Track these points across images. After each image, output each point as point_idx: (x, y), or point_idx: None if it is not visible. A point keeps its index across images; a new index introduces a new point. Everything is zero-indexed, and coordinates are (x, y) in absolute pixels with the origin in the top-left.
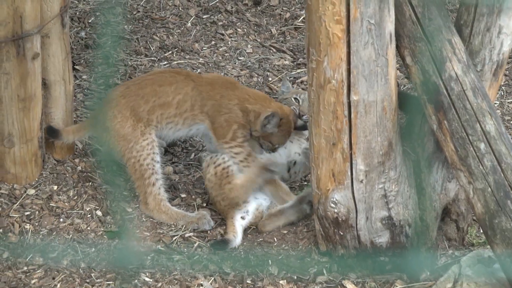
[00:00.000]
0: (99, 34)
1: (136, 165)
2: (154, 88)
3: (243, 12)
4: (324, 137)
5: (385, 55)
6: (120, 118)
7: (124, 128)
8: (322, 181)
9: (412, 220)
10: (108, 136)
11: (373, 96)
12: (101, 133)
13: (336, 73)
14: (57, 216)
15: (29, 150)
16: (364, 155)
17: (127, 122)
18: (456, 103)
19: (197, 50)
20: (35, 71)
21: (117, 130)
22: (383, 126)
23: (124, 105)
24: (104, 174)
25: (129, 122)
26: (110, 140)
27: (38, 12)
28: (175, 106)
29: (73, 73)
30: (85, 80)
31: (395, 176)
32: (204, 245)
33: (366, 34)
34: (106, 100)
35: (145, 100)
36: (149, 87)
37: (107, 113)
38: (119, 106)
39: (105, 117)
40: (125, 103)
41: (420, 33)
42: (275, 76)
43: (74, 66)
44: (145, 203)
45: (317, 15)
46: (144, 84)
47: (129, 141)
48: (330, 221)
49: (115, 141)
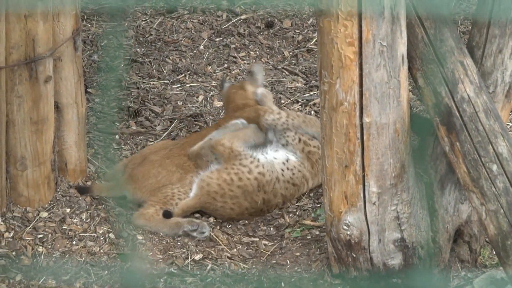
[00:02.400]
0: (111, 57)
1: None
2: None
3: (256, 34)
4: (336, 159)
5: (398, 77)
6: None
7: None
8: (335, 203)
9: (425, 242)
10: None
11: (386, 118)
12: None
13: (348, 96)
14: (70, 239)
15: (41, 173)
16: (377, 177)
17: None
18: (469, 124)
19: (210, 72)
20: (47, 94)
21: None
22: (396, 148)
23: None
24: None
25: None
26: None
27: (50, 35)
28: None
29: (86, 96)
30: (97, 103)
31: (408, 198)
32: (218, 267)
33: (378, 56)
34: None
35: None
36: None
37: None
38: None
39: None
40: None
41: (432, 55)
42: (288, 99)
43: (86, 89)
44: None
45: (329, 37)
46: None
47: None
48: (343, 243)
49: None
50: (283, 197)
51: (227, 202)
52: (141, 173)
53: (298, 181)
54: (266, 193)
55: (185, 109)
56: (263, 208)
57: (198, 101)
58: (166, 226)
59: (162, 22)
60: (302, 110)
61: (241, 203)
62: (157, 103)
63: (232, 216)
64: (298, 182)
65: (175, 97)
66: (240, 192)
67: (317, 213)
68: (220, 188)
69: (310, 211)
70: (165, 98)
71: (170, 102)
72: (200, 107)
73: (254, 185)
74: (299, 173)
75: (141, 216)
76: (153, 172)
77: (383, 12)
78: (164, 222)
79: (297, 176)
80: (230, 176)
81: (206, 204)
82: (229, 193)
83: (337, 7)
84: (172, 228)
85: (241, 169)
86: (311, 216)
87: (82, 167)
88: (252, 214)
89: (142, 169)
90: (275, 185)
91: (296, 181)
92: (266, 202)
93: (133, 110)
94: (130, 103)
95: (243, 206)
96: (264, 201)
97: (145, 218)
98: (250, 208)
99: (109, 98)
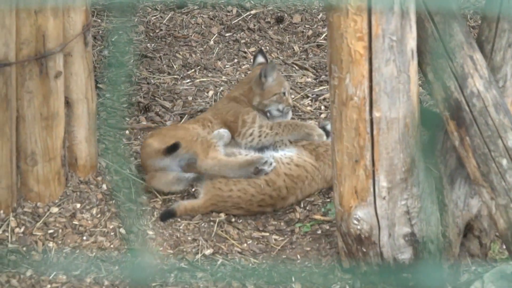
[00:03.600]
0: (122, 52)
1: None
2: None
3: (266, 30)
4: (346, 154)
5: (407, 72)
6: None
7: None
8: (345, 198)
9: (435, 237)
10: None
11: (395, 113)
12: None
13: (358, 90)
14: (80, 234)
15: (52, 169)
16: (387, 172)
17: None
18: (478, 119)
19: (220, 68)
20: (57, 90)
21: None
22: (406, 142)
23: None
24: (126, 192)
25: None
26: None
27: (60, 30)
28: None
29: (96, 92)
30: (108, 98)
31: (418, 193)
32: (228, 262)
33: (388, 51)
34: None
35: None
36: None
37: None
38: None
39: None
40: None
41: (442, 50)
42: (298, 94)
43: (97, 84)
44: (205, 155)
45: (339, 33)
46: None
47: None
48: (353, 238)
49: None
50: (288, 177)
51: (232, 189)
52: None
53: (301, 162)
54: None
55: (195, 104)
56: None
57: (208, 96)
58: (235, 165)
59: (172, 17)
60: (312, 104)
61: (246, 189)
62: (167, 98)
63: (241, 206)
64: (301, 163)
65: (185, 92)
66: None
67: (327, 208)
68: (222, 177)
69: (320, 206)
70: (175, 93)
71: (180, 97)
72: (210, 102)
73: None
74: (299, 158)
75: (206, 159)
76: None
77: (392, 7)
78: (232, 161)
79: (298, 159)
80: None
81: (214, 198)
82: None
83: (346, 2)
84: (244, 167)
85: (238, 155)
86: (321, 211)
87: (92, 162)
88: (262, 205)
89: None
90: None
91: (299, 162)
92: (271, 184)
93: (143, 105)
94: (140, 98)
95: (249, 192)
96: (268, 183)
97: (211, 159)
98: (256, 195)
99: (119, 94)
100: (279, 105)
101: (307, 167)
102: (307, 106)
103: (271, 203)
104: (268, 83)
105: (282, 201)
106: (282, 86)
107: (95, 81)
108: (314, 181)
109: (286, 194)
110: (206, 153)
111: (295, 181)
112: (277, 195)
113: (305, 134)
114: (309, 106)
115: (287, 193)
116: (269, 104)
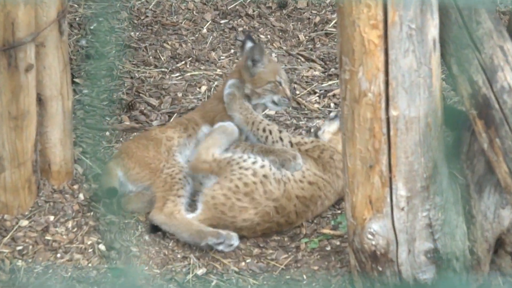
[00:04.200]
0: (102, 42)
1: (167, 179)
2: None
3: (267, 16)
4: (359, 159)
5: (428, 64)
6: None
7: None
8: (358, 209)
9: (461, 253)
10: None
11: (415, 111)
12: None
13: (372, 85)
14: (53, 251)
15: (21, 175)
16: (406, 178)
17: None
18: (510, 118)
19: (214, 59)
20: (28, 85)
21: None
22: (427, 145)
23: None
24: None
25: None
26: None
27: (32, 17)
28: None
29: (72, 87)
30: (86, 95)
31: (441, 203)
32: (223, 284)
33: (406, 41)
34: None
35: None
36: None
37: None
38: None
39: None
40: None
41: (467, 39)
42: (303, 89)
43: (73, 79)
44: (161, 207)
45: (351, 19)
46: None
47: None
48: (367, 255)
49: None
50: (300, 201)
51: (235, 216)
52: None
53: (313, 178)
54: (275, 200)
55: (186, 102)
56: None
57: (201, 92)
58: (186, 231)
59: (159, 2)
60: (319, 101)
61: (252, 219)
62: (154, 95)
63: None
64: (313, 179)
65: (174, 87)
66: (248, 201)
67: (337, 220)
68: (226, 199)
69: (329, 219)
70: (162, 89)
71: (169, 93)
72: (202, 99)
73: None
74: (309, 171)
75: (160, 213)
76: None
77: None
78: (185, 225)
79: (310, 174)
80: (235, 183)
81: (215, 219)
82: (237, 203)
83: None
84: (193, 236)
85: (244, 172)
86: (330, 224)
87: (68, 168)
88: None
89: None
90: (286, 185)
91: (311, 178)
92: (281, 210)
93: (126, 102)
94: (123, 94)
95: (255, 222)
96: (277, 210)
97: (165, 215)
98: (263, 223)
99: (99, 89)
100: (274, 96)
101: (319, 183)
102: (314, 103)
103: (276, 230)
104: (258, 68)
105: (289, 226)
106: (276, 74)
107: (72, 75)
108: (327, 199)
109: (295, 219)
110: (162, 204)
111: (307, 204)
112: (285, 221)
113: (281, 161)
114: (317, 104)
115: (297, 218)
116: (262, 93)
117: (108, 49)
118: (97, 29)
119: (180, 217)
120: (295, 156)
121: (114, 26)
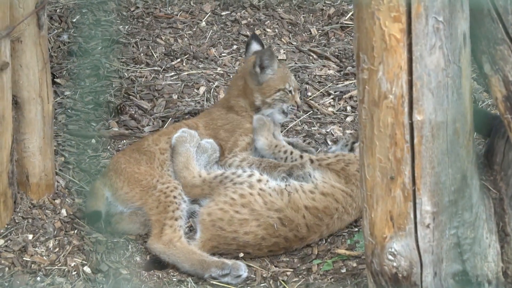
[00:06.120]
0: (86, 37)
1: (161, 197)
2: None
3: (274, 7)
4: (379, 169)
5: (458, 62)
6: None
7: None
8: (377, 226)
9: (494, 276)
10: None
11: (443, 116)
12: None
13: (394, 86)
14: (33, 274)
15: None
16: (431, 192)
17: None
18: None
19: (214, 57)
20: (3, 86)
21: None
22: (455, 154)
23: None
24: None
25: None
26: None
27: (7, 9)
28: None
29: (53, 88)
30: (68, 98)
31: (471, 219)
32: None
33: (433, 35)
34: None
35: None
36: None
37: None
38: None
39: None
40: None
41: (502, 34)
42: (316, 90)
43: (54, 79)
44: (159, 235)
45: (369, 11)
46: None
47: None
48: (387, 278)
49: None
50: (311, 212)
51: (237, 231)
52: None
53: (328, 189)
54: (279, 211)
55: (182, 105)
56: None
57: (199, 93)
58: (187, 261)
59: None
60: (334, 104)
61: (255, 232)
62: (146, 97)
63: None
64: (329, 190)
65: (169, 88)
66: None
67: (354, 239)
68: (223, 212)
69: (345, 237)
70: (155, 90)
71: (162, 95)
72: (201, 101)
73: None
74: (325, 183)
75: (159, 241)
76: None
77: None
78: (186, 254)
79: (324, 185)
80: (230, 196)
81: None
82: (236, 216)
83: None
84: (195, 267)
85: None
86: (346, 244)
87: (48, 180)
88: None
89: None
90: (291, 195)
91: (325, 190)
92: (287, 222)
93: (114, 106)
94: (111, 96)
95: (258, 236)
96: (283, 221)
97: (164, 244)
98: (268, 237)
99: (83, 91)
100: (283, 104)
101: (336, 194)
102: (328, 106)
103: (285, 246)
104: (267, 75)
105: (300, 242)
106: (287, 81)
107: (52, 75)
108: (347, 213)
109: (307, 234)
110: (160, 230)
111: (320, 216)
112: (294, 236)
113: (288, 170)
114: (331, 107)
115: (308, 232)
116: (272, 103)
117: (93, 45)
118: (81, 22)
119: (180, 246)
120: (304, 165)
121: (100, 18)
